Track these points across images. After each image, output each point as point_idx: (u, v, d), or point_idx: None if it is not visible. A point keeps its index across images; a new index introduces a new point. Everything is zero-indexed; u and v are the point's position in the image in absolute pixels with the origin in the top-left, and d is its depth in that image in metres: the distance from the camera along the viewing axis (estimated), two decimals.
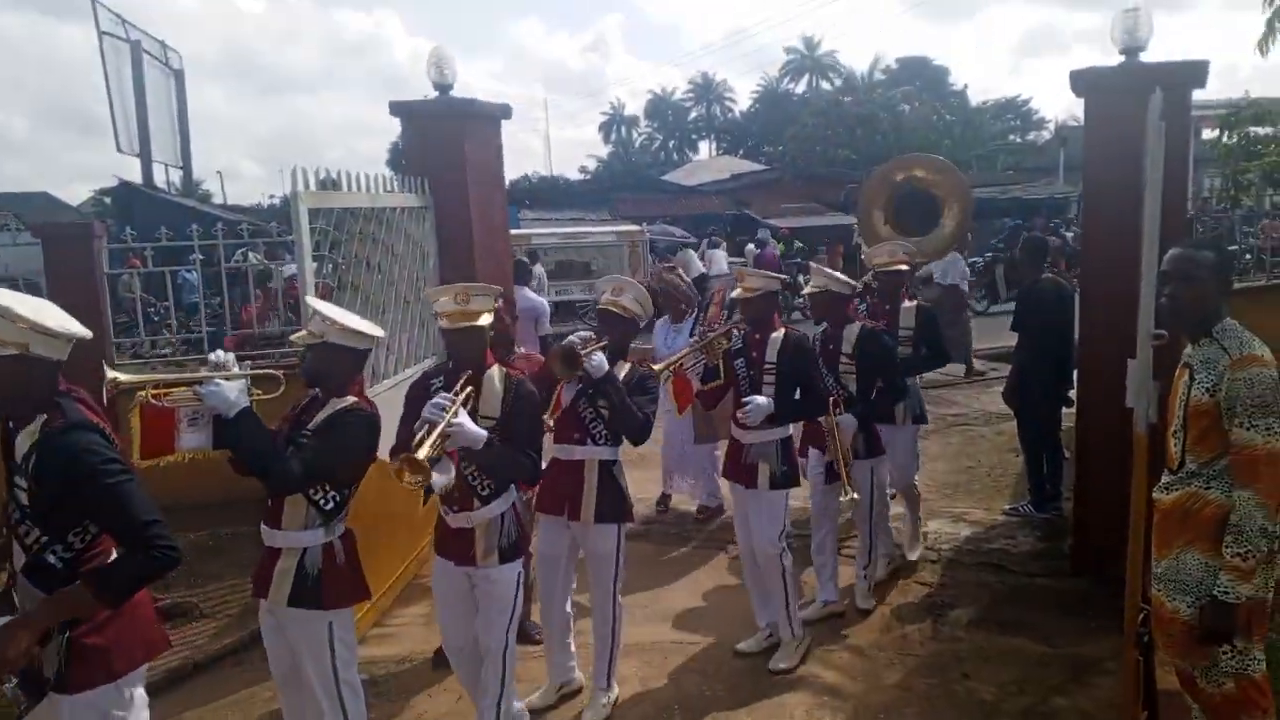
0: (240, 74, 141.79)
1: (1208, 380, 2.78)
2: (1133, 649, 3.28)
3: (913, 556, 5.65)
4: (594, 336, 3.87)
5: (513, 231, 14.01)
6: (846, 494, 4.49)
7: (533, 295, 7.65)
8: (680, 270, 7.24)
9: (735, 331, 4.58)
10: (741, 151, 52.51)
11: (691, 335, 6.24)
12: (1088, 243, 5.31)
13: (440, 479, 3.21)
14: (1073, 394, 5.92)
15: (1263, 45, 4.41)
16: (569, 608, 4.19)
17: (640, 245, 19.34)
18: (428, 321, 6.16)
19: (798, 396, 4.41)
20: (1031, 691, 4.15)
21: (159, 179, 20.46)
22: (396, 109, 6.44)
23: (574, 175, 52.75)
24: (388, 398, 5.30)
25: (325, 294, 5.19)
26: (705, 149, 60.95)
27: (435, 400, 3.26)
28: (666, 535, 6.36)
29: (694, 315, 6.46)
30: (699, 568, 5.77)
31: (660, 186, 30.48)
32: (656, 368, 4.39)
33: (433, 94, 6.37)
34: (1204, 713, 2.96)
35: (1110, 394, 3.92)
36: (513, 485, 3.59)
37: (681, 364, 4.55)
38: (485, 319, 3.42)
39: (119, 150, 18.43)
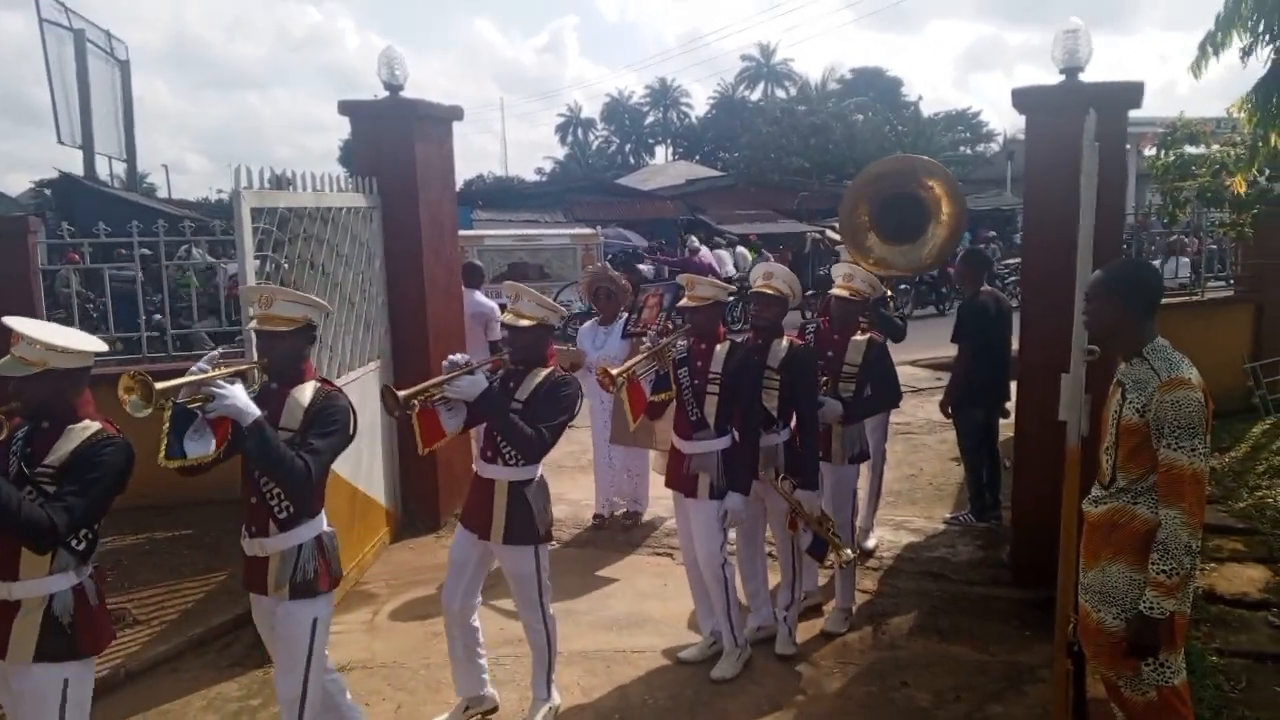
0: (186, 66, 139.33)
1: (1139, 400, 2.85)
2: (1063, 658, 3.36)
3: (830, 627, 4.91)
4: (468, 361, 3.73)
5: (465, 233, 13.93)
6: (841, 557, 4.53)
7: (483, 299, 7.60)
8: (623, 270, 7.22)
9: (681, 340, 4.52)
10: (697, 157, 52.74)
11: (623, 337, 6.22)
12: (1028, 257, 5.41)
13: (196, 448, 2.98)
14: (1009, 405, 6.05)
15: (1196, 68, 4.54)
16: (475, 621, 4.02)
17: (595, 249, 19.32)
18: (373, 324, 6.10)
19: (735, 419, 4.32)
20: (968, 699, 4.22)
21: (102, 172, 19.95)
22: (346, 108, 6.37)
23: (530, 176, 52.67)
24: None
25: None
26: (661, 154, 61.17)
27: (204, 359, 3.09)
28: (611, 542, 6.34)
29: (625, 316, 6.35)
30: (642, 574, 5.77)
31: (616, 190, 30.40)
32: (614, 372, 4.30)
33: (383, 93, 6.32)
34: None
35: (1047, 407, 4.01)
36: (321, 516, 3.32)
37: (634, 371, 4.49)
38: (294, 326, 3.20)
39: (60, 141, 17.89)
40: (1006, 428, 6.19)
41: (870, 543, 5.97)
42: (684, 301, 4.43)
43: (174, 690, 4.38)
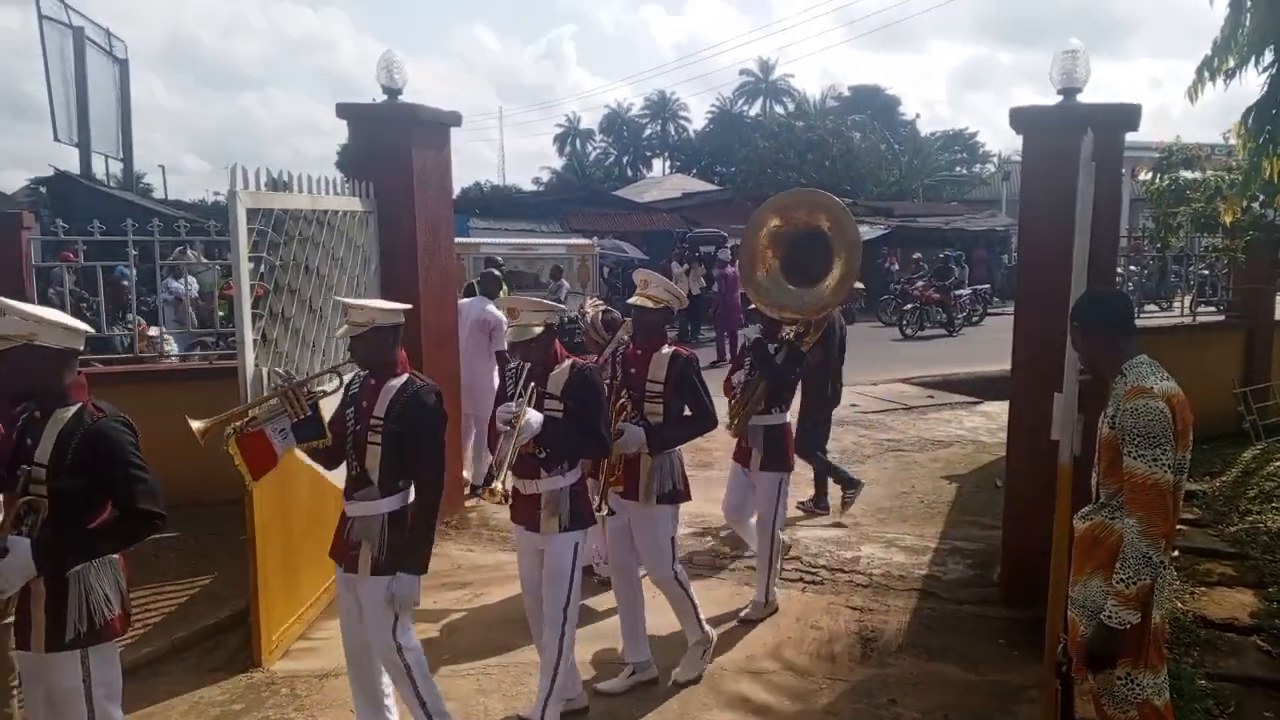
0: (183, 65, 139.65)
1: (1110, 412, 2.88)
2: (1052, 678, 3.35)
3: (683, 676, 4.46)
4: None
5: (462, 240, 13.87)
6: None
7: (493, 309, 7.54)
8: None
9: (336, 376, 3.79)
10: (695, 170, 52.88)
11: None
12: (1023, 276, 5.42)
13: None
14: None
15: (1192, 93, 4.55)
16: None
17: (590, 259, 19.34)
18: None
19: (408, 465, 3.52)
20: (956, 718, 4.19)
21: (98, 170, 19.90)
22: (344, 111, 6.37)
23: (527, 186, 52.77)
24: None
25: (260, 296, 5.09)
26: (659, 166, 61.34)
27: None
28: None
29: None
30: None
31: (612, 202, 30.47)
32: (196, 427, 3.36)
33: (381, 97, 6.32)
34: None
35: (1039, 427, 4.01)
36: None
37: (252, 420, 3.54)
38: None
39: (56, 139, 17.86)
40: (999, 446, 6.19)
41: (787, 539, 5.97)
42: (341, 330, 3.61)
43: (156, 694, 4.34)
